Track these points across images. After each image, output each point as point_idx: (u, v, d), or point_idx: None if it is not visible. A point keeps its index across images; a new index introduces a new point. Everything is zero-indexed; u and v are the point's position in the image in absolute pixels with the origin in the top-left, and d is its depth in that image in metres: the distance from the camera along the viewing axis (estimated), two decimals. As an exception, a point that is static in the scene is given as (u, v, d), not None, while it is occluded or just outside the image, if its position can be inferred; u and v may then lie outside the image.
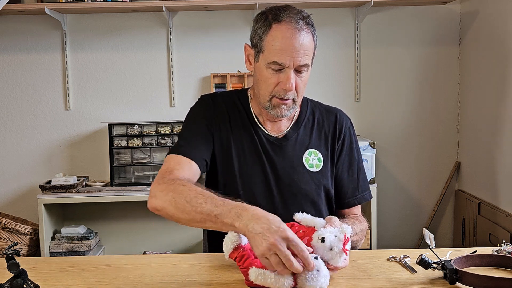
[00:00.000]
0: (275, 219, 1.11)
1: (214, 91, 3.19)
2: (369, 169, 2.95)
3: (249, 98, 1.58)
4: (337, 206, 1.60)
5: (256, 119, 1.55)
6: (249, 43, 1.50)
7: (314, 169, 1.53)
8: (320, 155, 1.54)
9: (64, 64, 3.23)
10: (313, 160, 1.54)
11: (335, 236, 1.15)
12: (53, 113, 3.26)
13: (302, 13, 1.43)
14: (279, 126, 1.55)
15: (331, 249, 1.14)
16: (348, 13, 3.25)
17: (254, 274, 1.11)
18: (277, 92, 1.42)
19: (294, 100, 1.45)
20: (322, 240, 1.14)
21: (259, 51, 1.44)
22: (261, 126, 1.54)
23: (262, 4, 2.99)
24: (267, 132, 1.54)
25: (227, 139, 1.52)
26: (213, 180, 1.54)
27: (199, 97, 1.61)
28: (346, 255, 1.15)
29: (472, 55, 3.11)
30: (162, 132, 3.10)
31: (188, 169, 1.41)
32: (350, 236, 1.18)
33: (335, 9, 3.23)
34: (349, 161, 1.58)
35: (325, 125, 1.58)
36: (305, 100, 1.62)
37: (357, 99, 3.29)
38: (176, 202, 1.25)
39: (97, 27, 3.22)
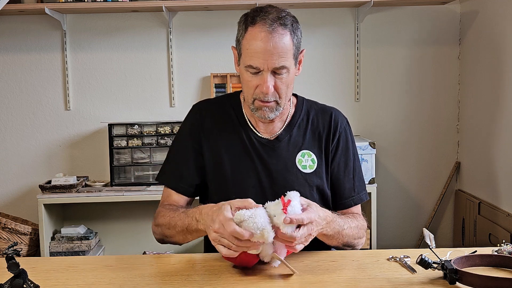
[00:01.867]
0: (218, 206, 1.24)
1: (214, 91, 3.19)
2: (369, 169, 2.95)
3: (242, 101, 1.59)
4: (334, 207, 1.59)
5: (248, 122, 1.55)
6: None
7: (308, 170, 1.52)
8: (313, 156, 1.53)
9: (64, 64, 3.23)
10: (306, 161, 1.53)
11: (276, 204, 1.20)
12: (53, 113, 3.26)
13: (281, 13, 1.42)
14: (272, 128, 1.55)
15: (274, 215, 1.19)
16: (348, 13, 3.25)
17: (238, 217, 1.18)
18: (257, 94, 1.43)
19: (277, 102, 1.44)
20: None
21: (239, 54, 1.46)
22: (253, 129, 1.54)
23: (262, 4, 2.99)
24: (259, 135, 1.54)
25: (217, 147, 1.53)
26: (205, 187, 1.57)
27: (192, 105, 1.64)
28: (286, 213, 1.18)
29: (472, 55, 3.11)
30: (162, 132, 3.10)
31: (178, 199, 1.55)
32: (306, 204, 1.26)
33: (335, 9, 3.23)
34: (345, 161, 1.57)
35: (319, 125, 1.57)
36: (301, 100, 1.61)
37: (357, 99, 3.29)
38: (164, 233, 1.47)
39: (97, 27, 3.22)
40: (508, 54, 2.69)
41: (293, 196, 1.20)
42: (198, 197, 1.62)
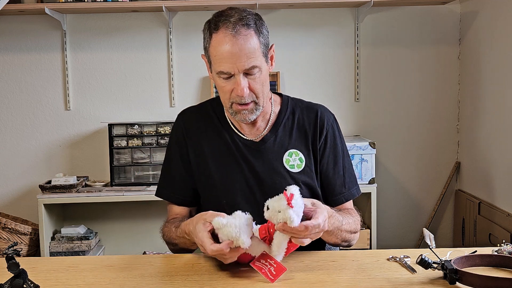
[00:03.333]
0: (193, 225, 1.29)
1: (214, 91, 3.19)
2: (369, 169, 2.95)
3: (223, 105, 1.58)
4: (326, 205, 1.58)
5: (232, 125, 1.54)
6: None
7: (296, 170, 1.51)
8: (301, 155, 1.52)
9: (64, 64, 3.23)
10: (294, 160, 1.51)
11: (278, 199, 1.17)
12: (53, 113, 3.26)
13: (242, 13, 1.39)
14: (256, 129, 1.53)
15: (279, 211, 1.15)
16: (348, 13, 3.25)
17: (216, 224, 1.21)
18: (234, 98, 1.42)
19: (255, 102, 1.43)
20: (267, 208, 1.19)
21: (209, 62, 1.44)
22: (237, 132, 1.53)
23: (262, 4, 2.99)
24: (244, 137, 1.53)
25: (203, 153, 1.53)
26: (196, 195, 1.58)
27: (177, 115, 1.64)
28: (292, 207, 1.15)
29: (472, 55, 3.11)
30: (162, 132, 3.10)
31: (179, 211, 1.58)
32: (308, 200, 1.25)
33: (335, 9, 3.23)
34: (334, 158, 1.55)
35: (305, 123, 1.55)
36: (286, 99, 1.59)
37: (357, 99, 3.29)
38: (173, 248, 1.55)
39: (97, 27, 3.22)
40: (508, 54, 2.69)
41: (294, 190, 1.18)
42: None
